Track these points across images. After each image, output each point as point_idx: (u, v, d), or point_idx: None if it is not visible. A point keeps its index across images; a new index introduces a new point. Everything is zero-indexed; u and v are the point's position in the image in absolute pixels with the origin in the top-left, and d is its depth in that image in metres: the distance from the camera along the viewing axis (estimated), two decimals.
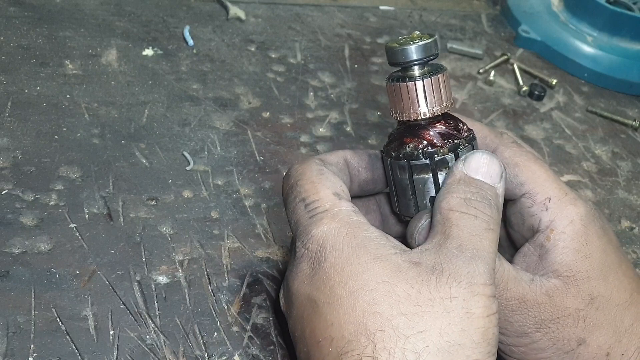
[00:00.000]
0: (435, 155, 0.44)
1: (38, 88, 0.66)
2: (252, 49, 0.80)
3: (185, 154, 0.63)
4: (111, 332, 0.48)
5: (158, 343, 0.48)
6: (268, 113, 0.71)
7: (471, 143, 0.45)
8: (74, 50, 0.72)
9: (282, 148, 0.67)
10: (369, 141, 0.71)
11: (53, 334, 0.47)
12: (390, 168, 0.46)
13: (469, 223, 0.41)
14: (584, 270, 0.44)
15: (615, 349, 0.44)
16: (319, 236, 0.41)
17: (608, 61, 0.89)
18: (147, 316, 0.49)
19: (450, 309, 0.37)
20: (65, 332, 0.47)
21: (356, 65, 0.81)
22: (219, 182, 0.62)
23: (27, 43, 0.71)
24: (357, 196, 0.50)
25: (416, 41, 0.44)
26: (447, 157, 0.44)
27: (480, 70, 0.86)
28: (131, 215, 0.56)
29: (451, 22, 0.96)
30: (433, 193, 0.45)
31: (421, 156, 0.44)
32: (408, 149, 0.45)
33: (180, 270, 0.53)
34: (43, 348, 0.46)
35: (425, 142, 0.44)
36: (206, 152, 0.64)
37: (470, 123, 0.48)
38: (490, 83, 0.84)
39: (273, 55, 0.79)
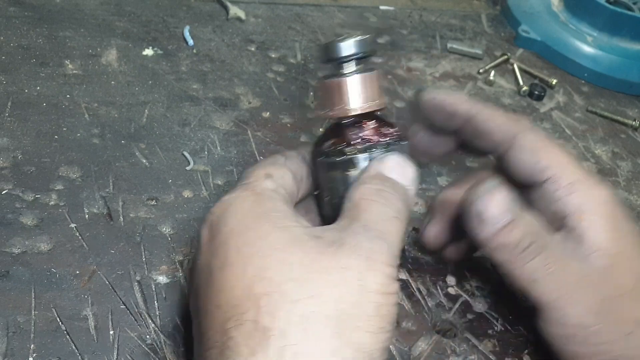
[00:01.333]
0: (347, 154, 0.44)
1: (38, 88, 0.66)
2: (252, 49, 0.80)
3: (185, 154, 0.63)
4: (111, 332, 0.48)
5: (158, 343, 0.48)
6: (268, 113, 0.71)
7: (390, 148, 0.45)
8: (74, 50, 0.72)
9: (282, 148, 0.67)
10: None
11: (53, 334, 0.47)
12: (313, 165, 0.47)
13: (377, 209, 0.41)
14: (627, 249, 0.44)
15: None
16: (225, 201, 0.41)
17: (608, 61, 0.89)
18: (147, 316, 0.49)
19: (346, 279, 0.37)
20: (65, 332, 0.47)
21: None
22: (219, 182, 0.62)
23: (27, 43, 0.71)
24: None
25: (344, 39, 0.44)
26: (358, 157, 0.44)
27: (480, 70, 0.86)
28: (131, 215, 0.56)
29: (451, 22, 0.96)
30: (344, 192, 0.44)
31: (334, 154, 0.45)
32: (324, 147, 0.45)
33: (180, 270, 0.53)
34: (43, 348, 0.46)
35: (340, 141, 0.45)
36: (206, 152, 0.64)
37: (486, 108, 0.48)
38: (490, 83, 0.84)
39: (273, 55, 0.80)
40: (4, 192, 0.56)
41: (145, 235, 0.55)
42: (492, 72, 0.85)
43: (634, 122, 0.82)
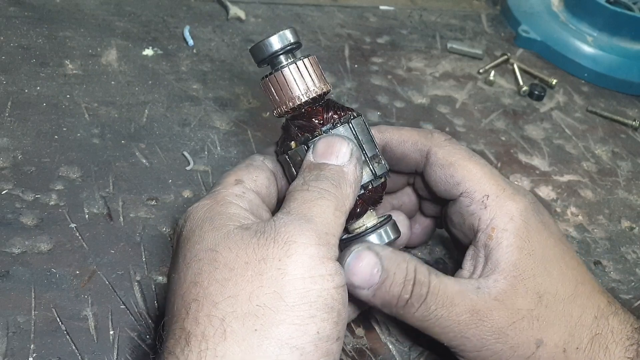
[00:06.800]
0: (290, 149, 0.45)
1: (38, 88, 0.66)
2: None
3: (185, 154, 0.63)
4: (111, 332, 0.48)
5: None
6: (268, 113, 0.71)
7: (335, 131, 0.45)
8: (74, 50, 0.72)
9: None
10: None
11: (53, 334, 0.47)
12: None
13: (301, 195, 0.41)
14: (529, 268, 0.44)
15: (570, 344, 0.44)
16: (187, 210, 0.42)
17: (608, 61, 0.89)
18: (147, 316, 0.49)
19: (264, 270, 0.37)
20: (65, 332, 0.47)
21: (356, 65, 0.81)
22: None
23: (27, 43, 0.71)
24: None
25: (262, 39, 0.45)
26: (298, 150, 0.45)
27: (480, 70, 0.86)
28: (131, 215, 0.56)
29: (451, 22, 0.96)
30: None
31: (283, 152, 0.46)
32: (278, 145, 0.47)
33: None
34: (43, 348, 0.46)
35: (287, 137, 0.46)
36: (206, 152, 0.64)
37: (396, 131, 0.49)
38: (490, 83, 0.84)
39: None
40: (4, 192, 0.55)
41: (145, 235, 0.55)
42: (492, 72, 0.85)
43: (634, 122, 0.82)
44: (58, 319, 0.48)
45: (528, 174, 0.72)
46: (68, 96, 0.66)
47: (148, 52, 0.75)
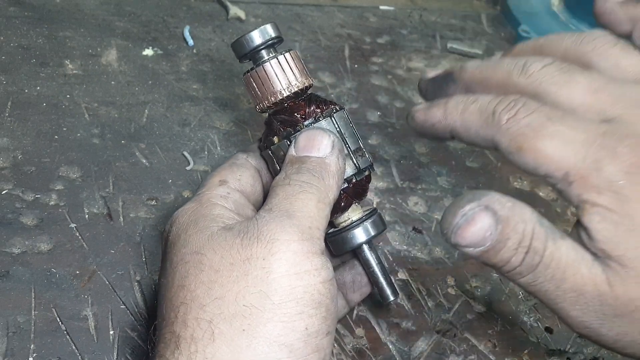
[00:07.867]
0: (273, 145, 0.45)
1: (38, 88, 0.66)
2: None
3: (185, 154, 0.63)
4: (111, 332, 0.48)
5: None
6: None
7: (317, 125, 0.44)
8: (74, 50, 0.72)
9: None
10: (369, 141, 0.71)
11: (53, 334, 0.47)
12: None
13: (282, 190, 0.41)
14: (632, 247, 0.36)
15: None
16: (174, 216, 0.42)
17: None
18: (147, 316, 0.49)
19: (249, 270, 0.37)
20: (65, 332, 0.47)
21: (356, 65, 0.81)
22: None
23: (27, 43, 0.71)
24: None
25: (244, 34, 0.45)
26: (280, 145, 0.45)
27: None
28: (131, 215, 0.56)
29: (451, 22, 0.96)
30: None
31: (266, 147, 0.45)
32: (261, 141, 0.46)
33: None
34: (43, 348, 0.46)
35: (269, 132, 0.46)
36: (206, 152, 0.64)
37: (455, 115, 0.40)
38: None
39: None
40: (4, 192, 0.55)
41: (145, 235, 0.55)
42: None
43: None
44: (58, 319, 0.48)
45: (528, 174, 0.72)
46: (68, 96, 0.66)
47: (148, 52, 0.75)
